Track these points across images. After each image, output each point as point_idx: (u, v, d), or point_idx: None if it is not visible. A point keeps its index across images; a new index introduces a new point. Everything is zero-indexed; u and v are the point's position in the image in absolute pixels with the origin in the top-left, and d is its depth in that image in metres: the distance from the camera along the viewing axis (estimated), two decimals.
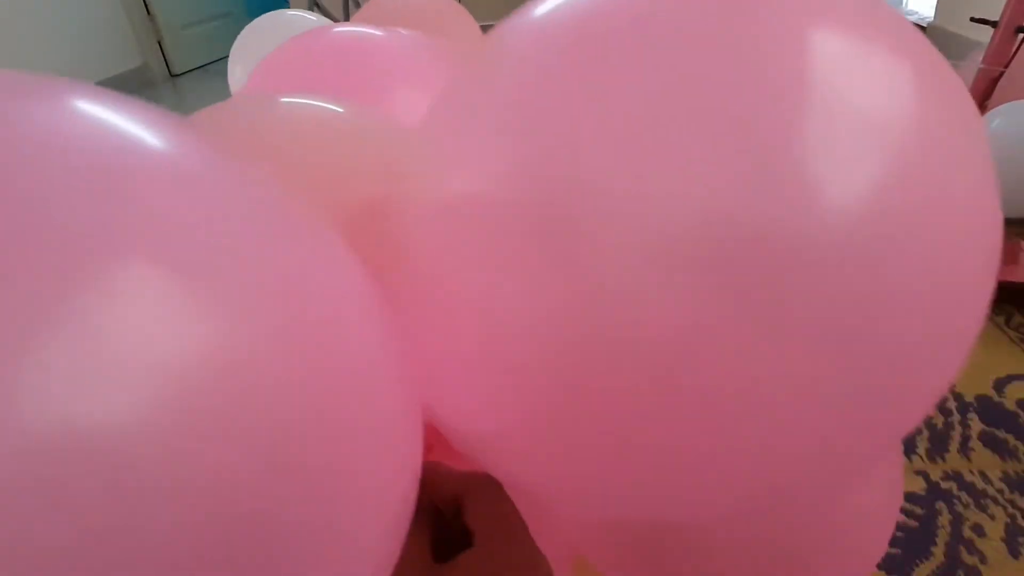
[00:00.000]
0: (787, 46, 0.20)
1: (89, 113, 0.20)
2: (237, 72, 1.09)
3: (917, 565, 0.61)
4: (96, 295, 0.15)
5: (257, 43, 1.06)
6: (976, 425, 0.75)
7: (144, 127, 0.21)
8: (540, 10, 0.24)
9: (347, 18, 2.23)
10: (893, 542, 0.63)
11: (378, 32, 0.55)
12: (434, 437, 0.30)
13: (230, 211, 0.20)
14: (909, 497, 0.68)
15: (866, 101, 0.20)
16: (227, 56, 1.20)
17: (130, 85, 3.32)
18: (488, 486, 0.28)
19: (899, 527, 0.65)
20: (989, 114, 1.09)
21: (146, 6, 3.42)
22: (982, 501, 0.66)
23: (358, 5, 2.20)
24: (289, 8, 3.55)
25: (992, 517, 0.64)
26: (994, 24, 0.88)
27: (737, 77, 0.19)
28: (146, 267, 0.16)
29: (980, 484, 0.68)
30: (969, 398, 0.79)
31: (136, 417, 0.15)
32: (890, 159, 0.19)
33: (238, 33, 1.08)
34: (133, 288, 0.16)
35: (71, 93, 0.21)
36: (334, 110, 0.36)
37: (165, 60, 3.55)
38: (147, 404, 0.15)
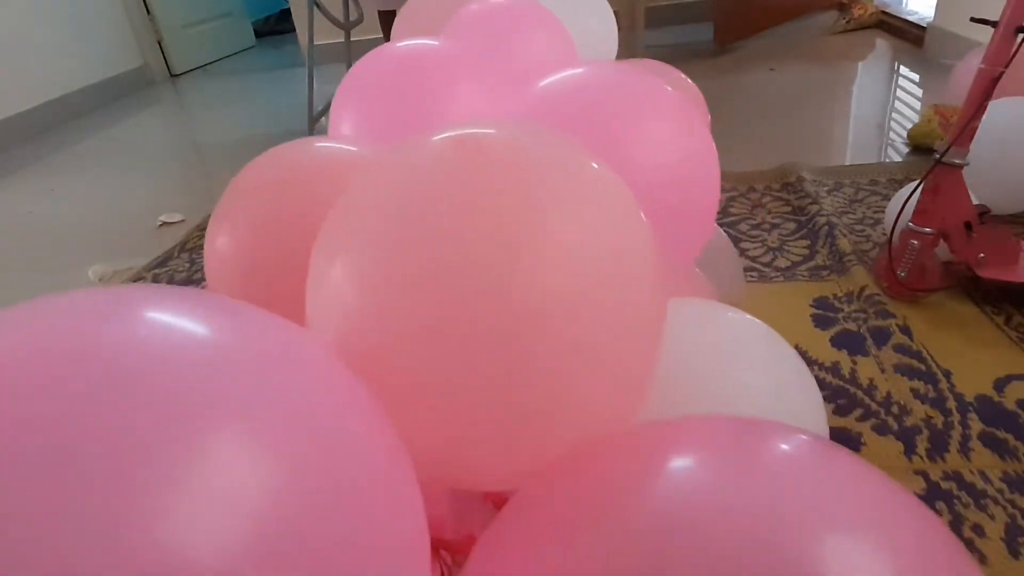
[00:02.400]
0: None
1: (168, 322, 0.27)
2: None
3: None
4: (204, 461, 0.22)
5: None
6: (976, 425, 0.75)
7: (219, 319, 0.28)
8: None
9: (347, 18, 2.22)
10: None
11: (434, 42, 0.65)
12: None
13: (287, 386, 0.27)
14: None
15: None
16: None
17: (130, 85, 3.31)
18: None
19: None
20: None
21: (146, 6, 3.42)
22: (982, 501, 0.66)
23: (358, 5, 2.20)
24: (289, 8, 3.50)
25: (992, 517, 0.64)
26: (994, 24, 0.88)
27: None
28: (239, 436, 0.23)
29: (980, 484, 0.68)
30: (969, 398, 0.79)
31: (232, 551, 0.21)
32: None
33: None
34: (230, 452, 0.23)
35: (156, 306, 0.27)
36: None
37: (165, 60, 3.55)
38: (237, 541, 0.21)
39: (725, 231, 1.26)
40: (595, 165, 0.38)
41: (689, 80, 1.08)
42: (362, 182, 0.37)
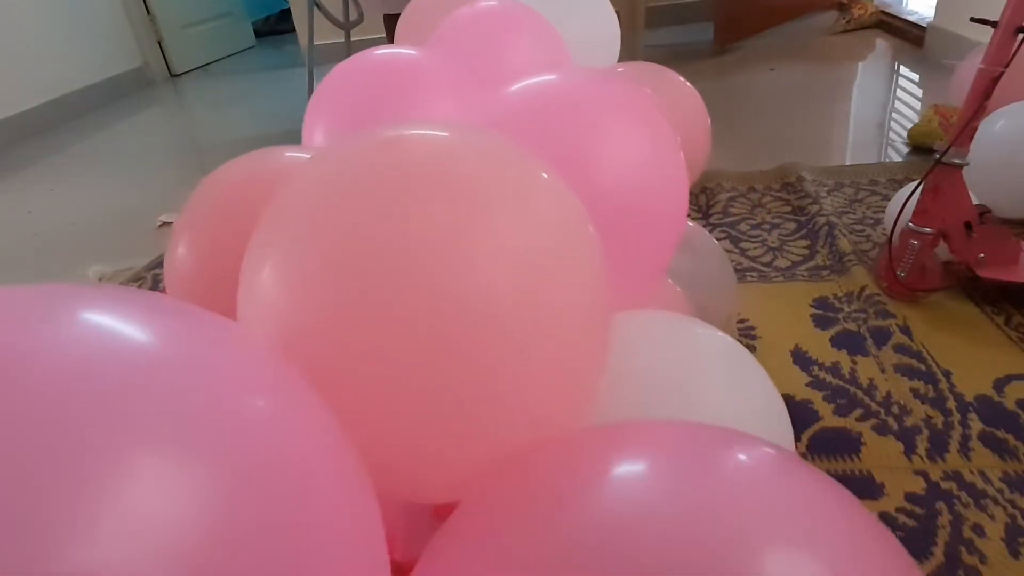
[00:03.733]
0: None
1: (91, 322, 0.24)
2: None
3: (917, 565, 0.61)
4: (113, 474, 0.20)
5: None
6: (976, 425, 0.75)
7: (137, 325, 0.25)
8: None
9: (347, 18, 2.22)
10: None
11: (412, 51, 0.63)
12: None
13: (221, 393, 0.24)
14: (909, 497, 0.68)
15: None
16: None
17: (130, 85, 3.31)
18: None
19: (899, 527, 0.65)
20: (992, 115, 1.09)
21: (146, 6, 3.42)
22: (982, 501, 0.66)
23: (358, 5, 2.20)
24: (289, 8, 3.50)
25: (992, 517, 0.64)
26: (994, 24, 0.88)
27: None
28: (155, 451, 0.21)
29: (980, 484, 0.68)
30: (969, 398, 0.79)
31: (141, 567, 0.19)
32: None
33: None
34: (142, 466, 0.20)
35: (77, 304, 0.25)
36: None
37: (165, 60, 3.55)
38: (148, 557, 0.19)
39: (725, 231, 1.26)
40: (537, 169, 0.38)
41: (687, 83, 1.08)
42: (292, 184, 0.37)
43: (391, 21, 2.14)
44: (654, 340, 0.46)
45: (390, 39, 2.15)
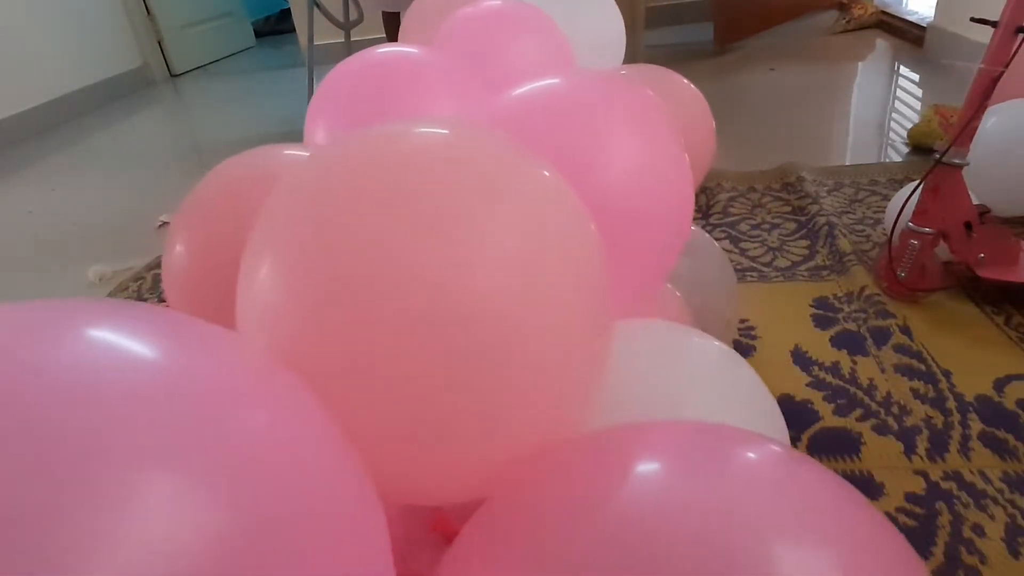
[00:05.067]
0: None
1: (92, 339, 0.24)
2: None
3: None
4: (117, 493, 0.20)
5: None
6: (976, 425, 0.75)
7: (134, 340, 0.25)
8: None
9: (347, 18, 2.22)
10: None
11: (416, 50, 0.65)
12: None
13: (220, 409, 0.24)
14: (909, 497, 0.68)
15: None
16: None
17: (130, 85, 3.31)
18: None
19: (899, 527, 0.65)
20: (987, 112, 1.09)
21: (146, 6, 3.42)
22: (982, 501, 0.66)
23: (358, 5, 2.20)
24: (289, 8, 3.51)
25: (992, 517, 0.64)
26: (994, 24, 0.88)
27: None
28: (155, 471, 0.20)
29: (980, 484, 0.68)
30: (969, 398, 0.79)
31: None
32: None
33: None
34: (145, 487, 0.20)
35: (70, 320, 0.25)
36: None
37: (165, 60, 3.55)
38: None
39: (725, 231, 1.26)
40: (539, 166, 0.38)
41: (692, 86, 1.08)
42: (286, 185, 0.36)
43: (390, 20, 2.14)
44: (648, 350, 0.46)
45: (390, 38, 2.15)
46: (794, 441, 0.76)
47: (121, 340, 0.24)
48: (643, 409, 0.41)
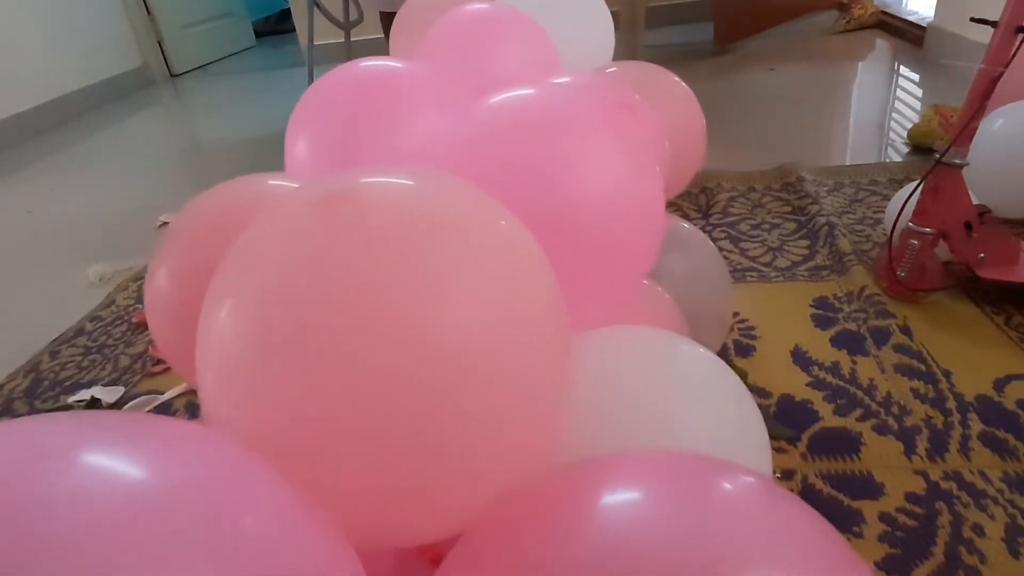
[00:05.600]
0: None
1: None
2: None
3: (917, 565, 0.61)
4: None
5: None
6: (976, 425, 0.75)
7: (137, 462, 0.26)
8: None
9: (347, 18, 2.22)
10: (893, 542, 0.63)
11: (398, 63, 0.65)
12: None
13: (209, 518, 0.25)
14: (909, 497, 0.68)
15: None
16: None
17: (130, 85, 3.31)
18: None
19: (899, 527, 0.65)
20: (991, 115, 1.09)
21: (146, 6, 3.42)
22: (982, 501, 0.66)
23: (358, 5, 2.20)
24: (289, 8, 3.50)
25: (992, 517, 0.64)
26: (994, 24, 0.88)
27: None
28: None
29: (980, 484, 0.68)
30: (969, 398, 0.79)
31: None
32: None
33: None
34: None
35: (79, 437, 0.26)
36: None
37: (165, 60, 3.55)
38: None
39: (725, 231, 1.26)
40: (498, 217, 0.38)
41: (681, 83, 1.08)
42: (247, 239, 0.36)
43: (388, 19, 2.14)
44: (628, 359, 0.46)
45: (388, 37, 2.15)
46: (794, 441, 0.76)
47: (106, 462, 0.24)
48: (623, 421, 0.41)
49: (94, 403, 1.00)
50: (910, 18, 2.38)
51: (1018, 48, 0.86)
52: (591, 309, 0.52)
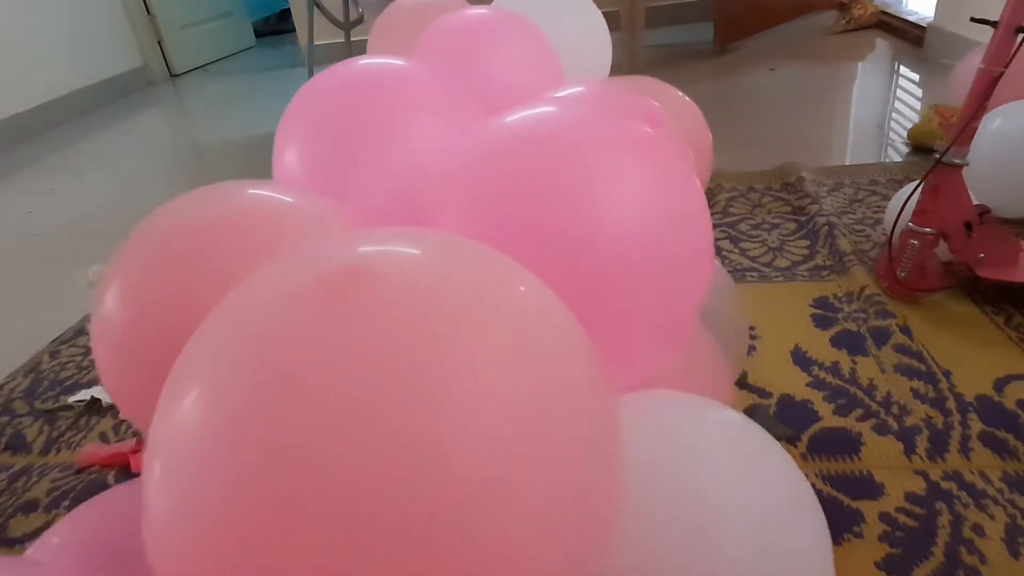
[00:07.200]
0: None
1: None
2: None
3: (917, 565, 0.61)
4: None
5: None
6: (976, 425, 0.75)
7: None
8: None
9: (347, 18, 2.22)
10: (893, 542, 0.63)
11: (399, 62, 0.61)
12: None
13: None
14: (909, 497, 0.68)
15: None
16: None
17: (130, 85, 3.31)
18: None
19: (899, 527, 0.65)
20: (990, 114, 1.09)
21: (146, 6, 3.42)
22: (982, 501, 0.66)
23: (358, 5, 2.20)
24: (289, 8, 3.51)
25: (992, 517, 0.64)
26: (994, 24, 0.88)
27: None
28: None
29: (980, 484, 0.68)
30: (969, 398, 0.79)
31: None
32: None
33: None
34: None
35: None
36: None
37: (165, 60, 3.55)
38: None
39: (725, 231, 1.26)
40: (518, 281, 0.33)
41: (688, 99, 1.08)
42: (225, 308, 0.31)
43: None
44: (662, 437, 0.40)
45: None
46: (794, 441, 0.76)
47: None
48: (671, 511, 0.36)
49: (94, 403, 1.00)
50: (910, 18, 2.38)
51: (1018, 48, 0.86)
52: (636, 361, 0.46)
